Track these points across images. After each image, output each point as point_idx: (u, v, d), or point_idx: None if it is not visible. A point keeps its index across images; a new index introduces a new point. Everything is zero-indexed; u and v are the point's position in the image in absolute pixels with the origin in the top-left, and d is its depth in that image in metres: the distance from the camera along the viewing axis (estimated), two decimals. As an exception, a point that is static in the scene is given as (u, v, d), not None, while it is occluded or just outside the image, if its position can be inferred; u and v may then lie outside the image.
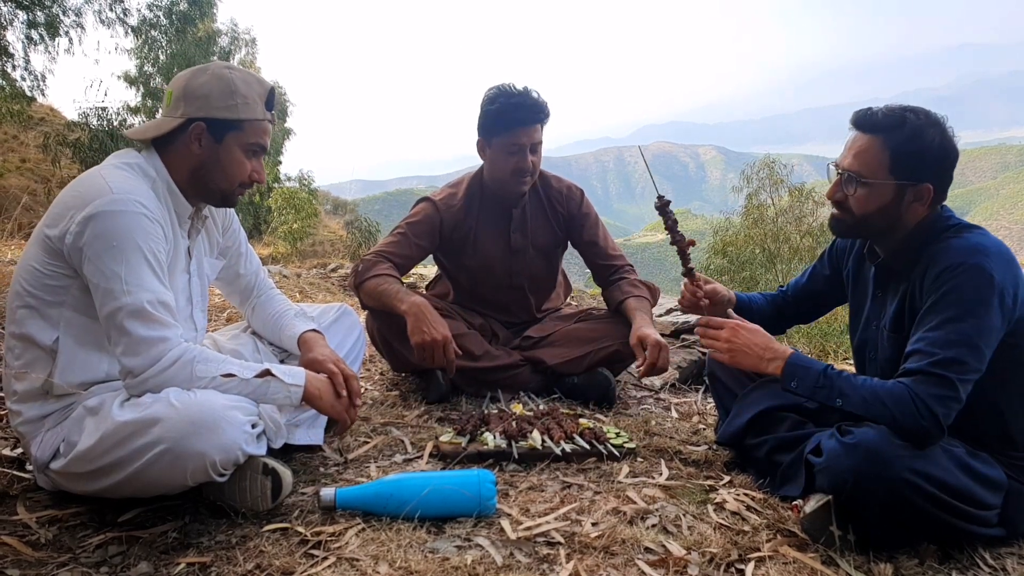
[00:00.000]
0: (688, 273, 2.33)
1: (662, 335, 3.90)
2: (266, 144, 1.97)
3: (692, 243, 2.34)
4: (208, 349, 1.82)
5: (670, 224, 2.35)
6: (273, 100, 1.97)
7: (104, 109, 19.18)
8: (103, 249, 1.68)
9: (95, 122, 18.84)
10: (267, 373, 1.82)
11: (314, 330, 2.22)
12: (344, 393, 1.99)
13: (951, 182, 1.93)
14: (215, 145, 1.89)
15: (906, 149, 1.85)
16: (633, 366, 2.73)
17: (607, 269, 3.15)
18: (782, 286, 2.48)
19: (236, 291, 2.34)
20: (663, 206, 2.34)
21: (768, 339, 1.94)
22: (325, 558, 1.60)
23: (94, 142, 18.14)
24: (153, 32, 20.06)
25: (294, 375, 1.88)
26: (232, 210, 2.23)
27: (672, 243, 2.33)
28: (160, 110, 2.01)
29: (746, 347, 1.92)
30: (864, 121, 1.92)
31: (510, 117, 2.84)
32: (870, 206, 1.91)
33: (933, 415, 1.67)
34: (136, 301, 1.68)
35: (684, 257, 2.34)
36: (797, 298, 2.42)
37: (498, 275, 3.13)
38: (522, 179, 2.94)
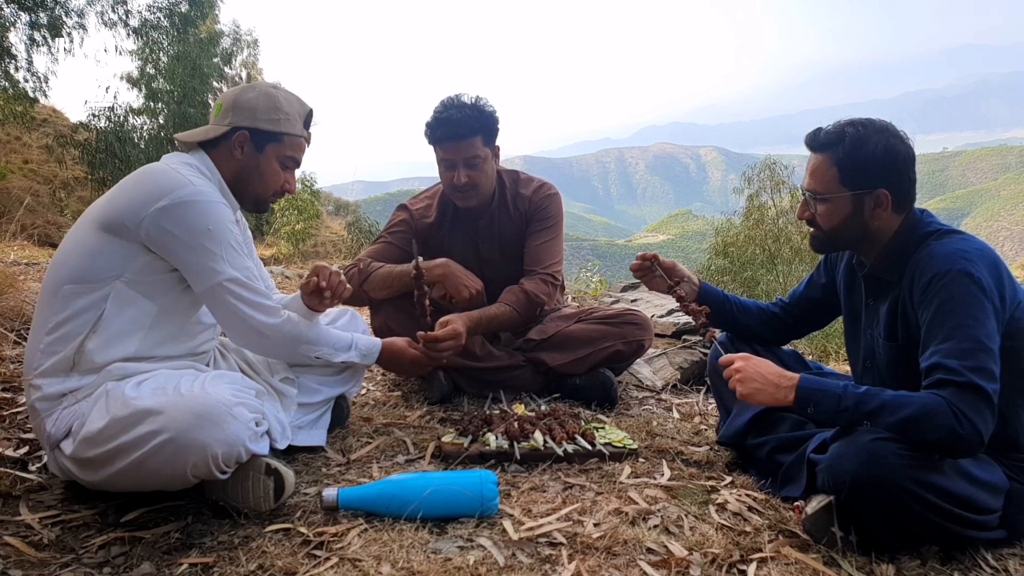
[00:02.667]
0: (703, 328, 2.39)
1: (663, 335, 3.91)
2: (300, 159, 2.14)
3: (707, 311, 2.39)
4: (305, 327, 2.13)
5: (679, 297, 2.41)
6: (311, 120, 2.17)
7: (112, 110, 19.24)
8: (199, 232, 1.84)
9: (103, 123, 18.89)
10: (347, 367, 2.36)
11: None
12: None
13: (912, 184, 1.95)
14: (256, 154, 2.07)
15: (851, 160, 1.91)
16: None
17: (525, 272, 3.06)
18: (782, 297, 2.49)
19: None
20: (671, 287, 2.42)
21: (778, 367, 1.91)
22: (328, 558, 1.60)
23: (101, 143, 18.18)
24: (154, 33, 20.08)
25: (369, 354, 2.35)
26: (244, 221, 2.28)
27: (679, 302, 2.41)
28: (209, 117, 2.10)
29: (756, 375, 1.89)
30: (813, 141, 2.01)
31: (434, 133, 2.85)
32: (834, 219, 1.98)
33: (972, 424, 1.64)
34: (239, 275, 1.92)
35: (696, 317, 2.38)
36: (797, 308, 2.41)
37: None
38: (458, 193, 2.94)
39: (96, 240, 1.85)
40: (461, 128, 2.81)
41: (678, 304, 2.41)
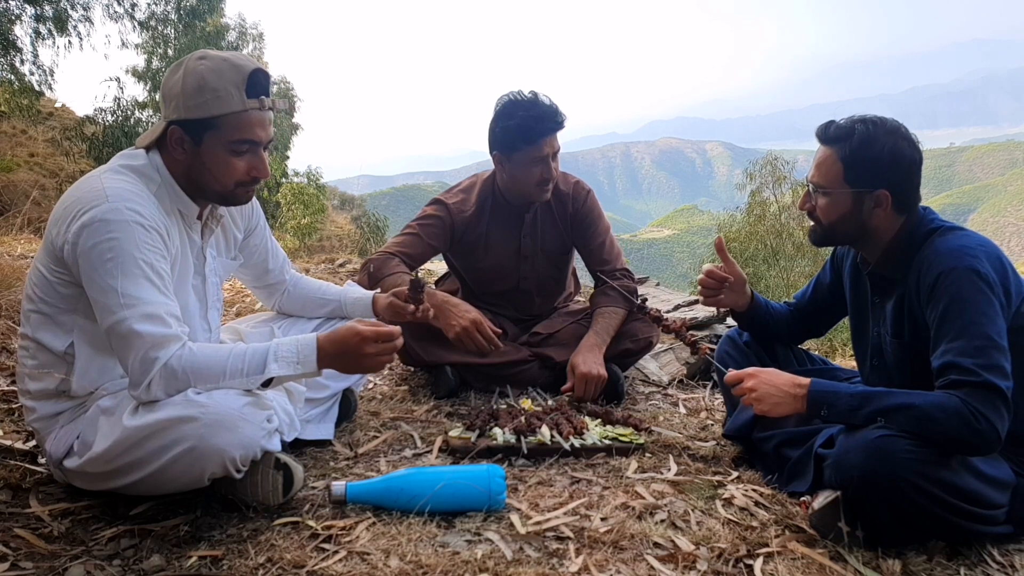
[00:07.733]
0: (693, 347, 2.39)
1: (669, 331, 3.90)
2: (257, 136, 1.80)
3: (685, 325, 2.40)
4: (207, 353, 1.71)
5: (654, 317, 2.41)
6: (259, 83, 1.77)
7: (117, 103, 19.31)
8: (99, 262, 1.63)
9: (109, 118, 18.95)
10: (268, 383, 1.75)
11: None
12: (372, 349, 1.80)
13: (915, 189, 1.94)
14: (196, 148, 1.78)
15: (857, 158, 1.90)
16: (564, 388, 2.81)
17: (600, 274, 3.13)
18: (787, 301, 2.48)
19: (263, 285, 2.36)
20: (641, 305, 2.42)
21: (787, 374, 1.91)
22: (336, 552, 1.61)
23: (107, 136, 18.24)
24: (161, 27, 20.12)
25: (303, 362, 1.75)
26: (259, 209, 2.21)
27: (666, 332, 2.41)
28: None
29: (772, 390, 1.88)
30: (823, 134, 1.99)
31: (533, 130, 2.79)
32: (833, 214, 1.97)
33: (990, 423, 1.64)
34: (133, 315, 1.62)
35: (682, 337, 2.39)
36: (804, 310, 2.40)
37: (507, 279, 3.14)
38: (546, 188, 2.93)
39: (46, 265, 1.74)
40: (558, 120, 2.81)
41: (675, 336, 2.41)
